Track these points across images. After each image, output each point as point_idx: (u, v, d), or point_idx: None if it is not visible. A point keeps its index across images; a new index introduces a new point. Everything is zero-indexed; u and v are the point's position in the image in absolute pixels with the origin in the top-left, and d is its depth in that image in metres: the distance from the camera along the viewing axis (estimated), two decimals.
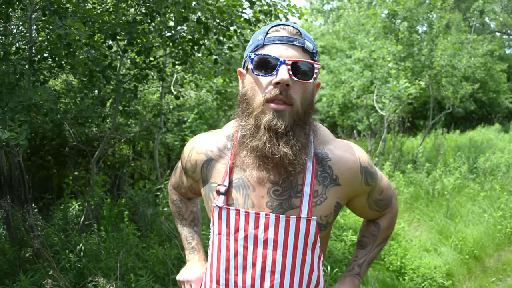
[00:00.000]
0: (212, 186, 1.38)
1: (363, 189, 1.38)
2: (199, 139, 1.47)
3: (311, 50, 1.27)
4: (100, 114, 5.06)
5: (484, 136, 13.15)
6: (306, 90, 1.27)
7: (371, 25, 9.91)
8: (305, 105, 1.27)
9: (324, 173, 1.32)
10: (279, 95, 1.21)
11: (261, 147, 1.22)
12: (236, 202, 1.31)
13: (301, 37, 1.26)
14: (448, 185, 7.16)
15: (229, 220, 1.32)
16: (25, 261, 3.66)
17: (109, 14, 3.78)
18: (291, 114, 1.23)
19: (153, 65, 4.25)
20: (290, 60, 1.21)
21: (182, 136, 7.33)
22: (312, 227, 1.28)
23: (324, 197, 1.30)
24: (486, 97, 17.63)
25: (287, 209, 1.28)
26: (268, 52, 1.24)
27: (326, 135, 1.40)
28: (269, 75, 1.23)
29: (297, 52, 1.24)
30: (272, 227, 1.27)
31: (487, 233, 5.38)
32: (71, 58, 3.54)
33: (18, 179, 3.75)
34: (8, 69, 3.21)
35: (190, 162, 1.46)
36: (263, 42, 1.27)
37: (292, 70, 1.22)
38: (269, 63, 1.23)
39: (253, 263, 1.30)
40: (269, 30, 1.28)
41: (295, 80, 1.23)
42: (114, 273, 3.27)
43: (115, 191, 6.03)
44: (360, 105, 10.98)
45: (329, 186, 1.31)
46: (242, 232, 1.30)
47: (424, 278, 4.28)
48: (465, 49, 11.51)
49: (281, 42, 1.25)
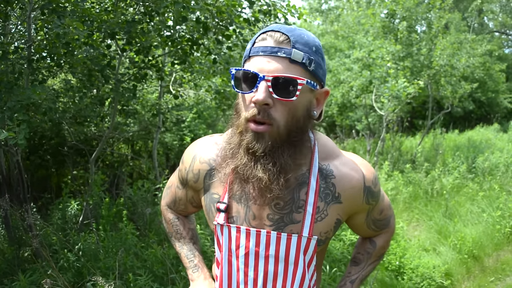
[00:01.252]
0: (213, 198, 1.36)
1: (363, 207, 1.36)
2: (200, 147, 1.41)
3: (300, 60, 1.14)
4: (99, 113, 5.06)
5: (483, 136, 13.16)
6: (292, 107, 1.16)
7: (370, 24, 9.91)
8: (292, 124, 1.17)
9: (327, 190, 1.28)
10: (257, 115, 1.13)
11: (240, 167, 1.19)
12: (237, 215, 1.30)
13: (289, 45, 1.13)
14: (447, 185, 7.16)
15: (231, 237, 1.30)
16: (24, 260, 3.66)
17: (108, 13, 3.78)
18: (271, 135, 1.15)
19: (152, 64, 4.25)
20: (271, 76, 1.11)
21: (180, 135, 7.32)
22: (311, 246, 1.27)
23: (325, 214, 1.28)
24: (485, 97, 17.65)
25: (288, 224, 1.26)
26: (250, 66, 1.15)
27: (332, 149, 1.33)
28: (249, 92, 1.15)
29: (281, 65, 1.12)
30: (273, 245, 1.26)
31: (486, 232, 5.38)
32: (69, 57, 3.53)
33: (17, 179, 3.75)
34: (6, 68, 3.21)
35: (192, 172, 1.41)
36: (249, 54, 1.18)
37: (273, 86, 1.11)
38: (249, 79, 1.14)
39: (254, 279, 1.30)
40: (257, 39, 1.18)
41: (276, 98, 1.13)
42: (112, 272, 3.27)
43: (114, 191, 6.03)
44: (359, 105, 10.98)
45: (330, 203, 1.29)
46: (243, 249, 1.29)
47: (423, 278, 4.28)
48: (464, 49, 11.51)
49: (265, 54, 1.14)
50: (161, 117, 5.99)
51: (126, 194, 5.19)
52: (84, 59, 3.68)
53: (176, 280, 3.36)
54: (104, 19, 3.61)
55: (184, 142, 7.00)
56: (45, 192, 5.66)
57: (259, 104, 1.12)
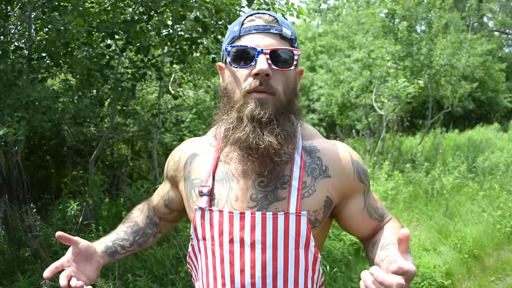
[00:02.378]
0: (194, 183, 1.32)
1: (356, 185, 1.30)
2: (184, 142, 1.46)
3: (289, 37, 1.23)
4: (98, 113, 5.05)
5: (483, 135, 13.15)
6: (288, 78, 1.23)
7: (370, 24, 9.91)
8: (288, 93, 1.23)
9: (313, 164, 1.26)
10: (260, 86, 1.17)
11: (245, 138, 1.17)
12: (219, 197, 1.25)
13: (278, 24, 1.22)
14: (447, 185, 7.15)
15: (213, 223, 1.24)
16: (24, 261, 3.65)
17: (107, 13, 3.77)
18: (274, 103, 1.19)
19: (152, 64, 4.24)
20: (268, 49, 1.17)
21: (180, 135, 7.32)
22: (303, 223, 1.19)
23: (312, 189, 1.23)
24: (485, 96, 17.63)
25: (273, 201, 1.20)
26: (245, 43, 1.20)
27: (313, 132, 1.37)
28: (247, 66, 1.19)
29: (275, 40, 1.20)
30: (259, 227, 1.19)
31: (486, 232, 5.38)
32: (69, 57, 3.52)
33: (17, 179, 3.74)
34: (6, 67, 3.20)
35: (173, 159, 1.43)
36: (239, 33, 1.23)
37: (271, 59, 1.18)
38: (246, 54, 1.19)
39: (241, 269, 1.21)
40: (245, 21, 1.24)
41: (275, 69, 1.19)
42: (112, 273, 3.26)
43: (114, 191, 6.02)
44: (359, 105, 10.98)
45: (318, 177, 1.25)
46: (226, 235, 1.22)
47: (424, 278, 4.27)
48: (464, 48, 11.51)
49: (258, 32, 1.21)
50: (161, 117, 5.98)
51: (126, 195, 5.19)
52: (83, 59, 3.68)
53: (175, 281, 3.36)
54: (103, 19, 3.61)
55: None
56: (45, 192, 5.65)
57: (261, 74, 1.17)
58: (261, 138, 1.16)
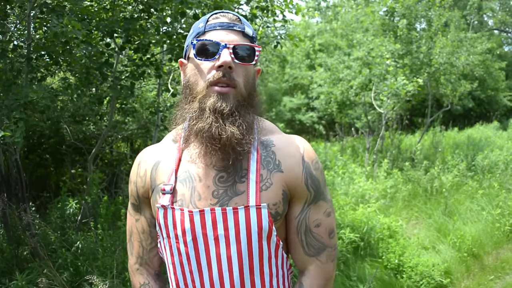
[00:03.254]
0: (158, 188, 1.31)
1: (302, 189, 1.28)
2: (143, 153, 1.43)
3: (251, 35, 1.30)
4: (97, 112, 5.04)
5: (482, 133, 13.15)
6: (248, 72, 1.28)
7: (369, 22, 9.89)
8: (248, 87, 1.27)
9: (268, 158, 1.28)
10: (222, 77, 1.21)
11: (207, 128, 1.19)
12: (182, 198, 1.25)
13: (240, 23, 1.29)
14: (446, 183, 7.16)
15: (175, 222, 1.24)
16: (23, 259, 3.65)
17: (106, 11, 3.76)
18: (235, 96, 1.23)
19: (150, 62, 4.23)
20: (232, 44, 1.23)
21: None
22: (264, 216, 1.21)
23: (269, 182, 1.25)
24: (484, 95, 17.63)
25: (232, 196, 1.22)
26: (210, 38, 1.25)
27: (272, 128, 1.39)
28: (211, 59, 1.24)
29: (237, 37, 1.26)
30: (220, 223, 1.21)
31: (485, 231, 5.38)
32: (68, 55, 3.51)
33: (16, 178, 3.74)
34: (5, 67, 3.19)
35: (139, 176, 1.38)
36: (204, 29, 1.28)
37: (234, 54, 1.23)
38: (211, 47, 1.24)
39: (208, 265, 1.24)
40: (209, 18, 1.30)
41: (237, 63, 1.24)
42: (111, 271, 3.26)
43: (113, 189, 6.01)
44: (358, 103, 10.97)
45: (273, 171, 1.26)
46: (189, 233, 1.23)
47: (422, 276, 4.27)
48: (463, 46, 11.50)
49: (222, 28, 1.27)
50: (160, 115, 5.97)
51: (125, 193, 5.18)
52: (81, 57, 3.67)
53: None
54: (103, 18, 3.60)
55: None
56: (44, 191, 5.65)
57: (225, 66, 1.21)
58: (223, 128, 1.19)
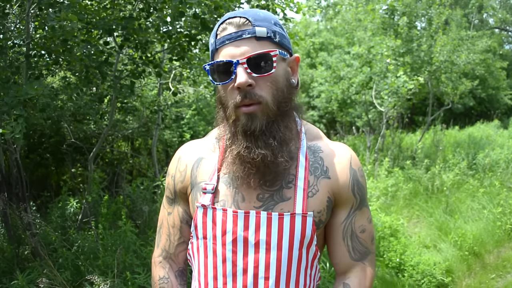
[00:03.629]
0: (199, 186, 1.28)
1: (348, 196, 1.26)
2: (183, 149, 1.40)
3: (265, 35, 1.17)
4: (98, 111, 5.03)
5: (483, 132, 13.14)
6: (274, 79, 1.18)
7: (370, 20, 9.88)
8: (278, 95, 1.18)
9: (316, 164, 1.25)
10: (244, 99, 1.15)
11: (241, 153, 1.16)
12: (225, 199, 1.23)
13: (250, 25, 1.16)
14: (447, 181, 7.15)
15: (215, 222, 1.22)
16: (23, 259, 3.65)
17: (106, 10, 3.75)
18: (263, 112, 1.16)
19: (150, 61, 4.22)
20: (244, 58, 1.13)
21: (180, 132, 7.32)
22: (308, 224, 1.19)
23: (316, 189, 1.22)
24: (485, 93, 17.59)
25: (278, 201, 1.19)
26: (221, 57, 1.17)
27: (317, 133, 1.35)
28: (229, 80, 1.16)
29: (250, 45, 1.15)
30: (264, 227, 1.18)
31: (486, 229, 5.37)
32: (68, 54, 3.51)
33: (16, 177, 3.73)
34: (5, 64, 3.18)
35: (179, 171, 1.35)
36: (215, 46, 1.20)
37: (250, 67, 1.14)
38: (224, 68, 1.16)
39: (244, 269, 1.20)
40: (218, 31, 1.20)
41: (257, 77, 1.15)
42: (111, 270, 3.25)
43: (113, 188, 6.01)
44: (359, 101, 10.96)
45: (320, 177, 1.24)
46: (230, 235, 1.20)
47: (424, 275, 4.27)
48: (464, 45, 11.49)
49: (230, 41, 1.16)
50: (160, 114, 5.97)
51: (125, 192, 5.18)
52: (81, 56, 3.66)
53: None
54: (102, 16, 3.59)
55: (183, 139, 6.99)
56: (45, 190, 5.64)
57: (242, 87, 1.14)
58: (254, 152, 1.15)
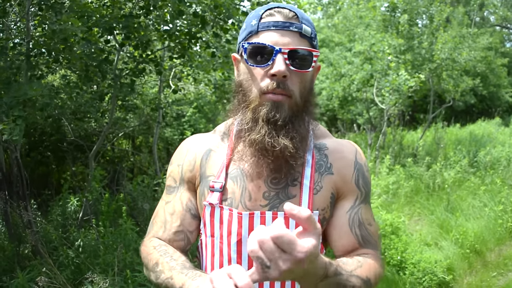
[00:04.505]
0: (208, 180, 1.27)
1: (351, 187, 1.25)
2: (192, 139, 1.38)
3: (309, 35, 1.17)
4: (98, 109, 5.03)
5: (484, 129, 13.12)
6: (305, 78, 1.18)
7: (371, 18, 9.86)
8: (304, 94, 1.19)
9: (321, 161, 1.25)
10: (277, 88, 1.13)
11: (260, 139, 1.14)
12: (232, 197, 1.22)
13: (298, 21, 1.16)
14: (448, 179, 7.14)
15: (222, 221, 1.21)
16: (24, 257, 3.65)
17: (106, 8, 3.74)
18: (290, 105, 1.15)
19: (151, 59, 4.22)
20: (287, 49, 1.12)
21: (181, 130, 7.31)
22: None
23: (320, 186, 1.22)
24: (486, 91, 17.56)
25: (284, 199, 1.19)
26: (263, 41, 1.15)
27: (325, 132, 1.36)
28: (264, 65, 1.14)
29: (294, 39, 1.15)
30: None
31: (488, 227, 5.36)
32: (68, 53, 3.50)
33: (17, 175, 3.73)
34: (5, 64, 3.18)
35: (188, 160, 1.32)
36: (257, 28, 1.17)
37: (289, 58, 1.13)
38: (264, 52, 1.14)
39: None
40: (263, 14, 1.18)
41: (293, 70, 1.14)
42: (112, 268, 3.25)
43: (114, 186, 6.01)
44: (360, 99, 10.94)
45: (324, 174, 1.24)
46: (234, 236, 1.19)
47: (425, 273, 4.26)
48: (465, 42, 11.46)
49: (276, 28, 1.15)
50: (161, 112, 5.96)
51: (126, 190, 5.17)
52: (81, 54, 3.65)
53: None
54: (102, 15, 3.58)
55: (184, 136, 6.98)
56: (45, 188, 5.64)
57: (279, 76, 1.13)
58: (277, 140, 1.13)
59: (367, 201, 1.29)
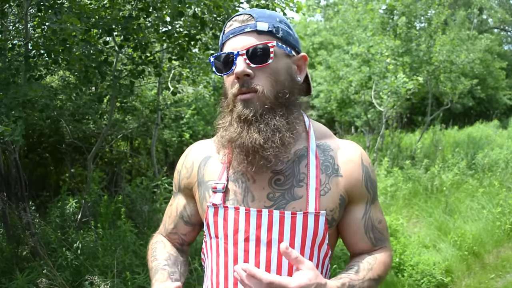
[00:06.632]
0: (208, 185, 1.30)
1: (362, 191, 1.28)
2: (194, 145, 1.44)
3: (267, 29, 1.22)
4: (97, 110, 5.02)
5: (482, 132, 13.15)
6: (274, 71, 1.22)
7: (369, 20, 9.88)
8: (277, 87, 1.21)
9: (327, 162, 1.26)
10: (241, 88, 1.19)
11: (235, 137, 1.19)
12: (235, 197, 1.23)
13: (253, 20, 1.22)
14: (446, 181, 7.14)
15: (227, 220, 1.22)
16: (23, 259, 3.64)
17: (105, 9, 3.74)
18: (259, 100, 1.19)
19: (150, 60, 4.21)
20: (243, 50, 1.19)
21: (179, 132, 7.31)
22: (321, 223, 1.19)
23: (328, 187, 1.23)
24: (484, 93, 17.62)
25: (290, 200, 1.20)
26: (224, 50, 1.24)
27: (326, 131, 1.37)
28: (230, 71, 1.22)
29: (251, 38, 1.21)
30: (276, 226, 1.19)
31: (486, 229, 5.37)
32: (67, 54, 3.50)
33: (15, 177, 3.72)
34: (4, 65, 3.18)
35: (186, 167, 1.40)
36: (222, 41, 1.27)
37: (250, 58, 1.19)
38: (226, 60, 1.23)
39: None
40: (225, 28, 1.27)
41: (255, 67, 1.19)
42: (111, 270, 3.24)
43: (112, 188, 6.00)
44: (358, 101, 10.96)
45: (331, 175, 1.24)
46: (242, 233, 1.21)
47: (423, 275, 4.26)
48: (464, 45, 11.49)
49: (234, 35, 1.23)
50: (160, 113, 5.96)
51: (125, 192, 5.17)
52: (80, 56, 3.65)
53: None
54: (101, 16, 3.58)
55: (183, 138, 6.99)
56: (44, 190, 5.63)
57: (240, 76, 1.19)
58: (245, 136, 1.17)
59: (374, 200, 1.32)
